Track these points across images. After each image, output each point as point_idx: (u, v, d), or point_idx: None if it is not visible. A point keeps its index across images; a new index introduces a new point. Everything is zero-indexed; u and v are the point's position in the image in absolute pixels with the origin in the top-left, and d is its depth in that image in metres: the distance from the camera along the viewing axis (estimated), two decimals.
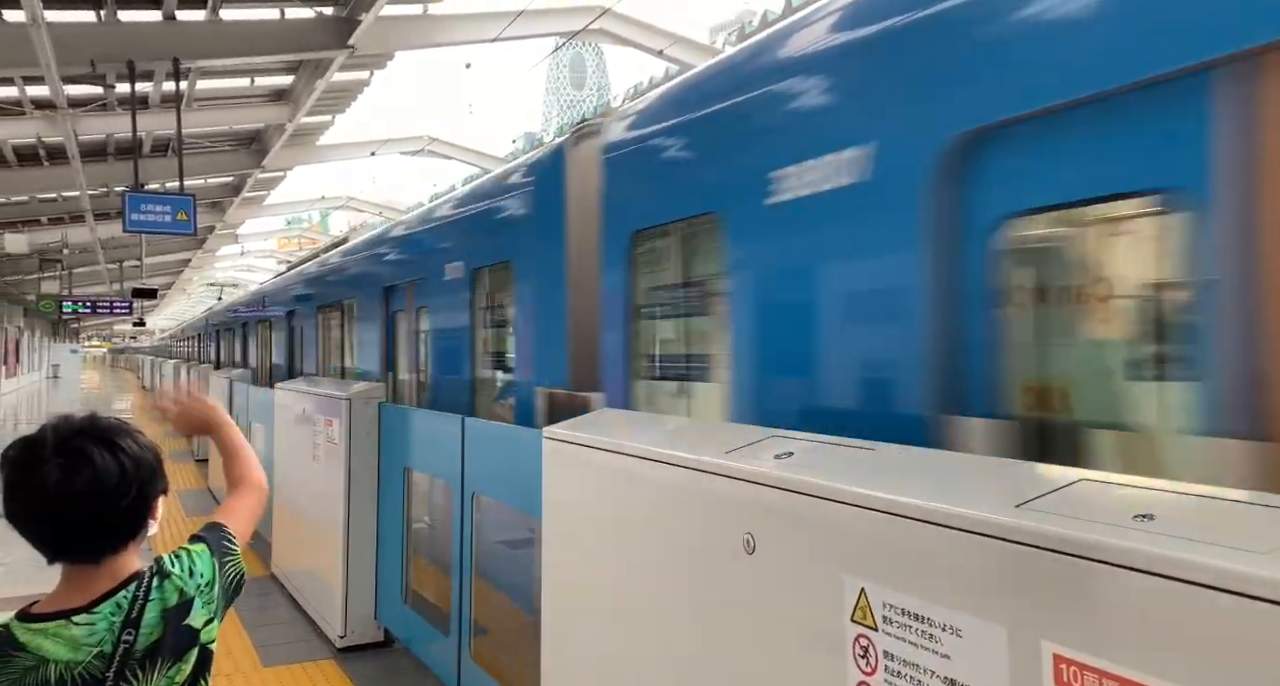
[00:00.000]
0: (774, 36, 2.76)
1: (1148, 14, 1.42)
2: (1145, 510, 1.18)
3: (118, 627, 1.39)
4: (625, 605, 2.34)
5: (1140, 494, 1.28)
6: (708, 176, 2.88)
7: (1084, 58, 1.55)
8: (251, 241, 31.22)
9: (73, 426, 1.45)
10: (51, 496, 1.37)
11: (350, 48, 9.85)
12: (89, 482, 1.39)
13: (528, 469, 3.00)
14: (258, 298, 12.69)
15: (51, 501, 1.38)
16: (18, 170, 15.12)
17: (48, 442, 1.42)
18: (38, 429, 1.46)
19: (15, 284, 27.63)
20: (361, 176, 79.45)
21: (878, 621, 1.50)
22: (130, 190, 10.17)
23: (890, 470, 1.68)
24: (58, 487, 1.37)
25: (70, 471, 1.39)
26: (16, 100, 11.94)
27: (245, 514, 1.72)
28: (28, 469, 1.40)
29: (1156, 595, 1.08)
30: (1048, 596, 1.21)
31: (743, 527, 1.85)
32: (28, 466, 1.40)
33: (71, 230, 20.26)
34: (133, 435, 1.48)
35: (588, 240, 3.59)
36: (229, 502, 1.74)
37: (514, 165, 4.83)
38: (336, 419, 5.19)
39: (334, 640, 5.06)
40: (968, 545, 1.34)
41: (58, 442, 1.41)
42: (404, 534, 4.81)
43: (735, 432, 2.26)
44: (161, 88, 11.76)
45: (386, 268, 6.66)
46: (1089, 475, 1.40)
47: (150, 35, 9.65)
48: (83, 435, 1.43)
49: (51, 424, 1.46)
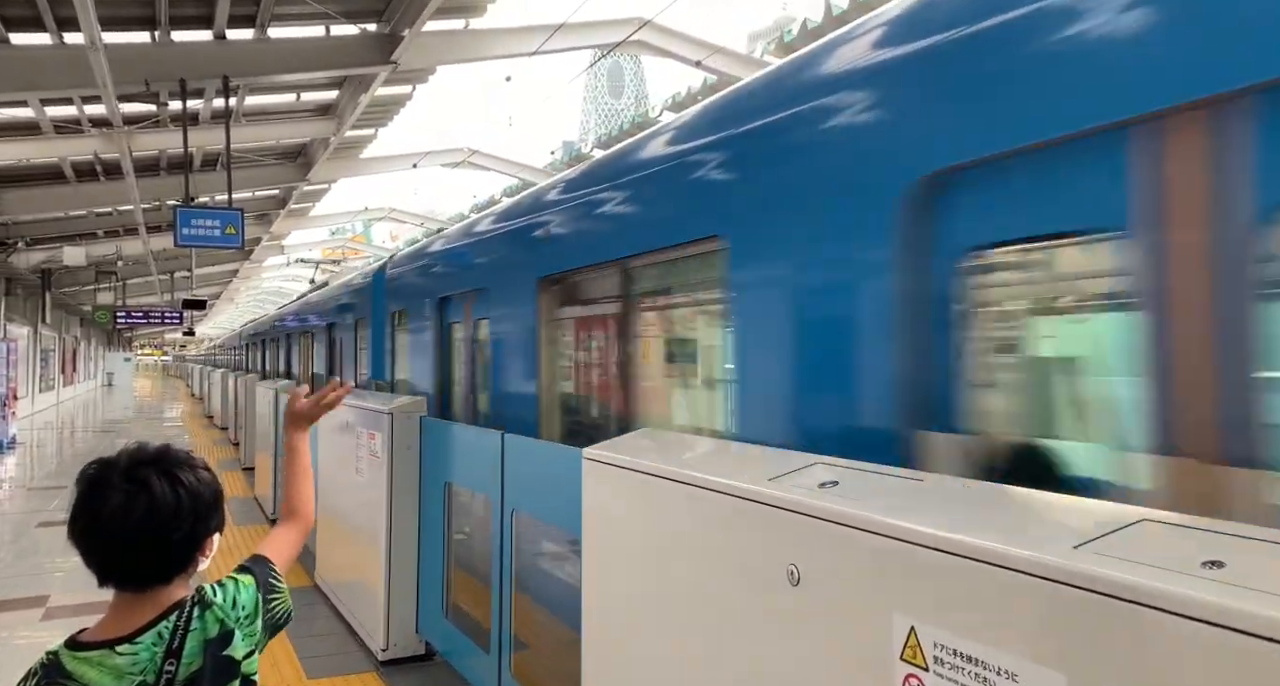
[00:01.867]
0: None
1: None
2: (1214, 556, 1.12)
3: (160, 658, 1.40)
4: (666, 630, 2.31)
5: (1207, 537, 1.22)
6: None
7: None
8: (297, 252, 31.84)
9: (144, 454, 1.50)
10: (106, 520, 1.41)
11: (393, 63, 10.01)
12: (144, 512, 1.42)
13: (567, 487, 2.99)
14: (301, 309, 13.01)
15: (106, 525, 1.42)
16: (77, 185, 15.62)
17: (119, 467, 1.47)
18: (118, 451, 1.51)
19: (73, 295, 28.51)
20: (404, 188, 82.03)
21: (929, 661, 1.45)
22: (181, 205, 10.43)
23: (940, 503, 1.63)
24: (115, 513, 1.41)
25: (130, 498, 1.42)
26: (76, 119, 12.35)
27: (290, 551, 1.74)
28: (96, 489, 1.44)
29: (1227, 650, 1.02)
30: (1110, 645, 1.16)
31: (787, 558, 1.82)
32: (97, 486, 1.45)
33: (125, 243, 20.86)
34: (196, 470, 1.51)
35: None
36: (277, 537, 1.76)
37: (357, 274, 8.95)
38: (379, 432, 5.24)
39: (376, 653, 5.10)
40: (1024, 587, 1.29)
41: (127, 468, 1.46)
42: (445, 547, 4.83)
43: (778, 458, 2.23)
44: (212, 104, 12.07)
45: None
46: (1150, 514, 1.34)
47: (201, 54, 9.91)
48: (149, 465, 1.47)
49: (129, 449, 1.51)
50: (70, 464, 14.15)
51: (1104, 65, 1.57)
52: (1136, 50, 1.52)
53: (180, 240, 10.22)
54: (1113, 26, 1.55)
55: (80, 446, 17.58)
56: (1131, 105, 1.52)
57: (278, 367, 15.03)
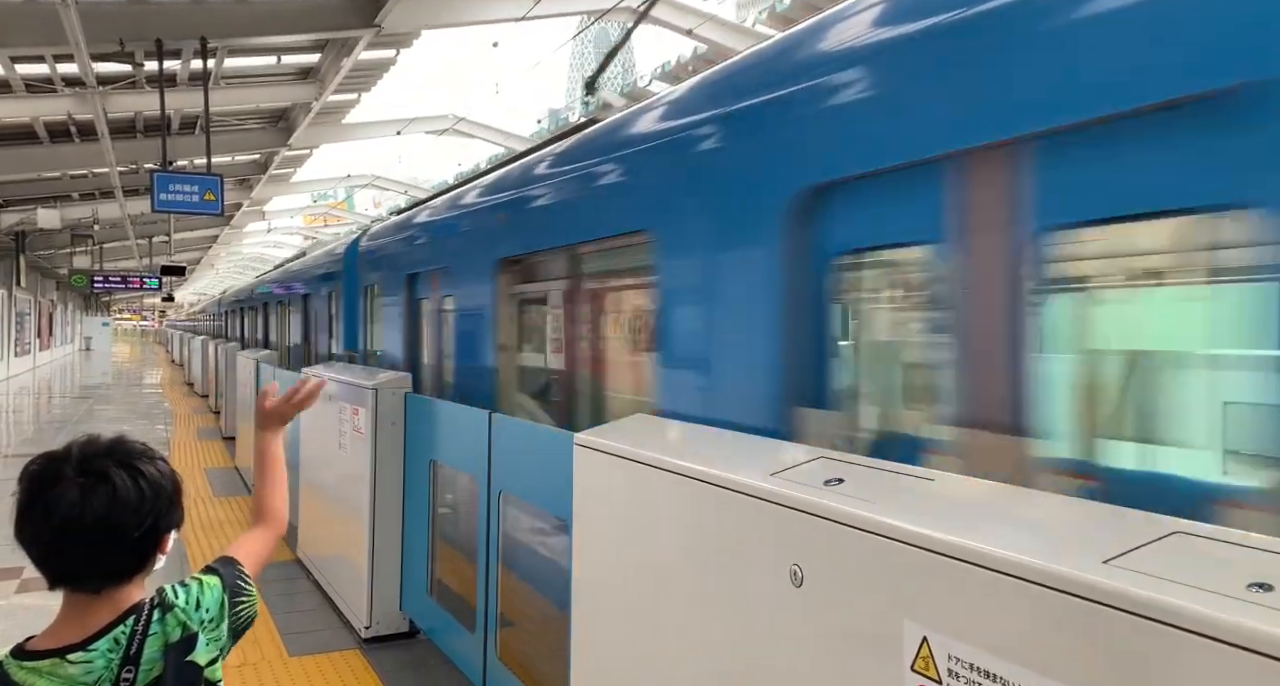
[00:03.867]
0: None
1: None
2: (1262, 578, 1.06)
3: (116, 665, 1.31)
4: (659, 624, 2.25)
5: (1246, 554, 1.15)
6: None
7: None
8: (279, 218, 31.35)
9: (98, 446, 1.39)
10: (63, 516, 1.31)
11: (377, 27, 9.73)
12: (105, 506, 1.32)
13: (556, 471, 2.91)
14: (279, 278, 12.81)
15: (63, 521, 1.31)
16: (50, 146, 15.20)
17: (71, 460, 1.35)
18: (64, 445, 1.40)
19: (48, 258, 27.97)
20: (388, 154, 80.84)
21: (941, 674, 1.39)
22: (158, 170, 10.17)
23: (953, 505, 1.56)
24: (72, 508, 1.31)
25: (88, 492, 1.32)
26: (48, 78, 11.96)
27: (261, 554, 1.65)
28: (46, 485, 1.33)
29: (1276, 683, 0.96)
30: (1145, 671, 1.10)
31: (789, 557, 1.75)
32: (47, 482, 1.33)
33: (102, 206, 20.40)
34: (155, 462, 1.41)
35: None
36: (248, 539, 1.66)
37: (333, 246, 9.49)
38: (363, 408, 5.14)
39: (359, 630, 5.05)
40: (1048, 601, 1.22)
41: (81, 461, 1.35)
42: (429, 525, 4.76)
43: (778, 450, 2.15)
44: (189, 66, 11.72)
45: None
46: (1182, 526, 1.28)
47: (179, 14, 9.59)
48: (107, 457, 1.37)
49: (78, 441, 1.40)
50: (48, 432, 13.94)
51: (922, 113, 1.99)
52: (941, 104, 1.94)
53: (158, 205, 9.98)
54: (923, 86, 2.02)
55: (58, 412, 17.33)
56: (942, 145, 1.93)
57: (256, 336, 14.86)
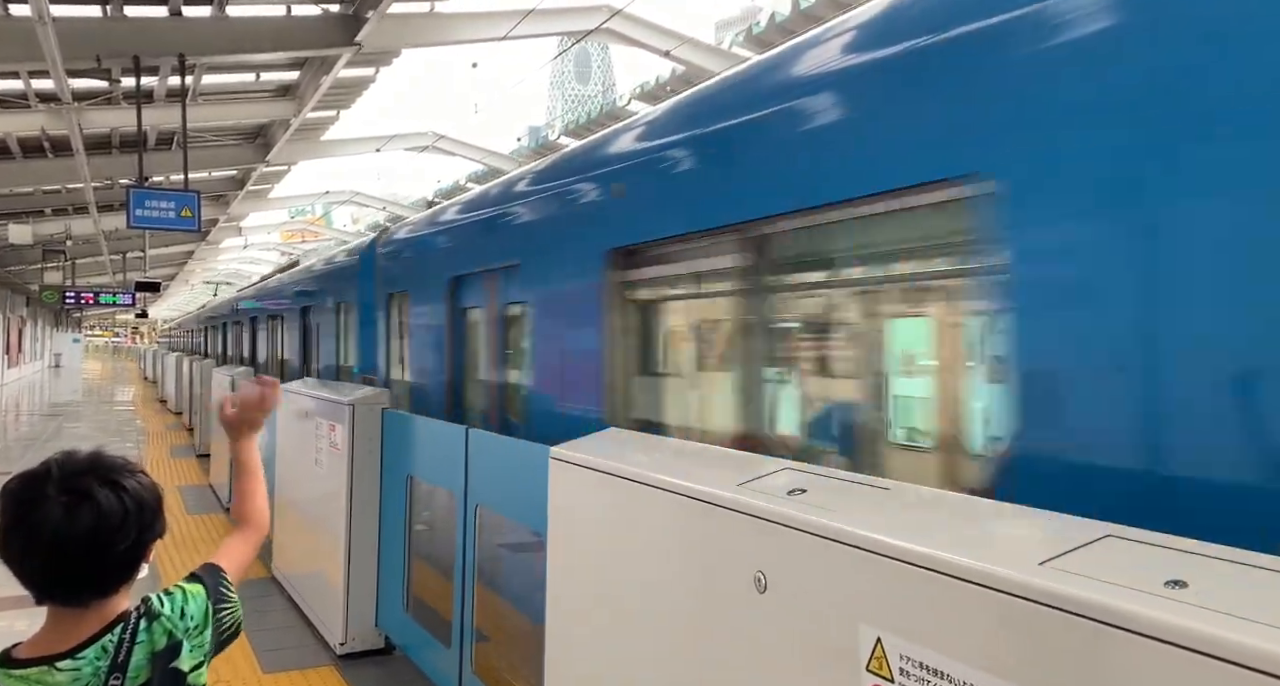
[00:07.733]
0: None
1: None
2: (1177, 576, 1.15)
3: (104, 672, 1.35)
4: (631, 632, 2.31)
5: (1169, 556, 1.24)
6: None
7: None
8: (255, 234, 31.16)
9: (78, 463, 1.41)
10: (51, 535, 1.33)
11: (356, 45, 9.80)
12: (91, 525, 1.35)
13: (533, 484, 2.97)
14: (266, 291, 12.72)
15: (50, 540, 1.33)
16: (22, 162, 15.08)
17: (52, 478, 1.38)
18: (40, 463, 1.42)
19: (19, 274, 27.61)
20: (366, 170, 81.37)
21: (894, 673, 1.47)
22: (134, 186, 10.13)
23: (908, 514, 1.64)
24: (59, 527, 1.33)
25: (71, 510, 1.35)
26: (22, 93, 11.90)
27: (244, 559, 1.69)
28: (29, 505, 1.35)
29: (1188, 672, 1.04)
30: (1073, 663, 1.18)
31: (754, 565, 1.82)
32: (29, 503, 1.36)
33: (75, 222, 20.21)
34: (136, 475, 1.45)
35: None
36: (231, 545, 1.71)
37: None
38: (339, 424, 5.16)
39: (334, 646, 5.04)
40: (988, 601, 1.31)
41: (62, 479, 1.37)
42: (405, 541, 4.78)
43: (746, 461, 2.23)
44: (167, 83, 11.72)
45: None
46: (1115, 530, 1.37)
47: (156, 31, 9.60)
48: (88, 474, 1.39)
49: (56, 459, 1.42)
50: (15, 449, 13.73)
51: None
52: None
53: (133, 222, 9.94)
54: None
55: (26, 430, 17.07)
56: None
57: (240, 353, 14.70)
